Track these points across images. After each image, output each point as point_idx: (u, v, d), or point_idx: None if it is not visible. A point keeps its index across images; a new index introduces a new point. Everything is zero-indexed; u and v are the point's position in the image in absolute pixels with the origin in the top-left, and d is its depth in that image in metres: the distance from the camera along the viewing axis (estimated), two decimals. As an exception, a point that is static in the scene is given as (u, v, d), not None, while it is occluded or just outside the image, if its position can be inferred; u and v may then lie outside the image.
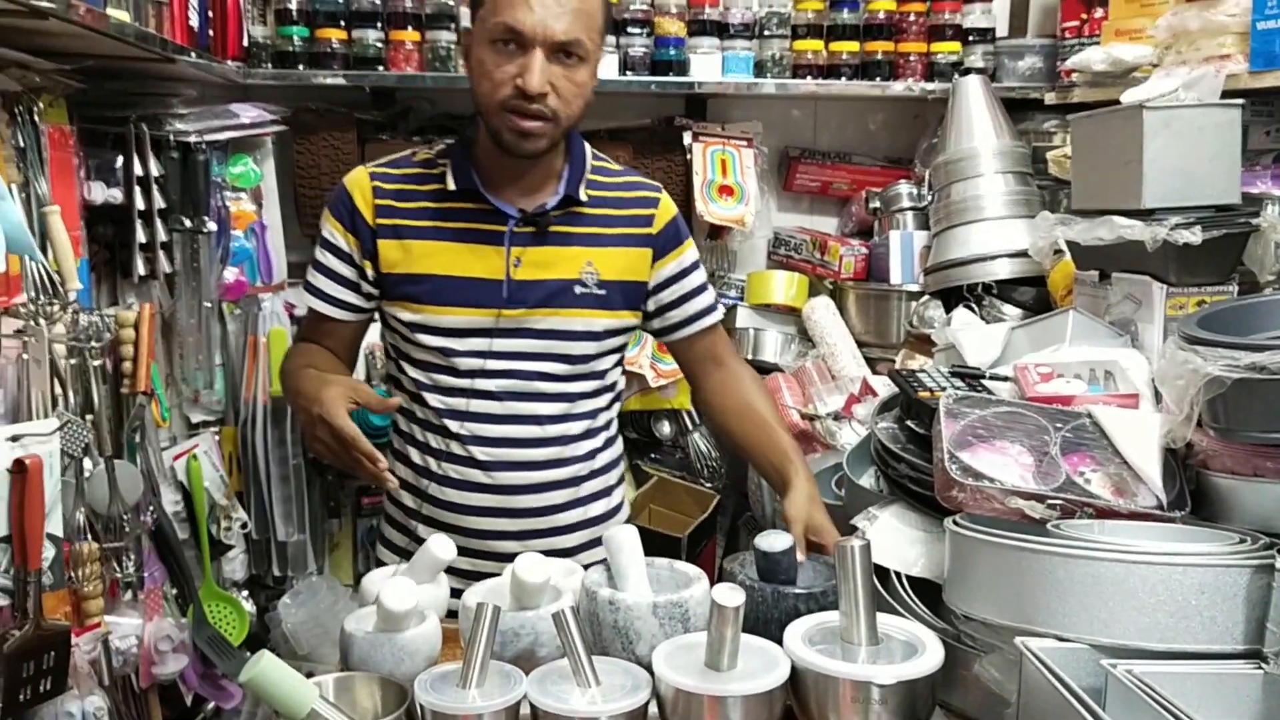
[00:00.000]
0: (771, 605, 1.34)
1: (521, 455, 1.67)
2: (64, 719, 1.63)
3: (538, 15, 1.49)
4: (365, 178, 1.66)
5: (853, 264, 2.66)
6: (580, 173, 1.67)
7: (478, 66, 1.55)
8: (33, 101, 1.66)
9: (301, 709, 1.11)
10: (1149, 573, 1.06)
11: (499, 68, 1.52)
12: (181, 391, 2.29)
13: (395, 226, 1.64)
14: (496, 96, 1.53)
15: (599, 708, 1.14)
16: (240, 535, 2.39)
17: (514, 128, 1.54)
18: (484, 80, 1.54)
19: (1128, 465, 1.33)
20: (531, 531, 1.69)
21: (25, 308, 1.59)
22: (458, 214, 1.64)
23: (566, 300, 1.65)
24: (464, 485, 1.67)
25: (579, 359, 1.68)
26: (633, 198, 1.72)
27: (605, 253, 1.67)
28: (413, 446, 1.70)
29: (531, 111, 1.52)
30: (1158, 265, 1.64)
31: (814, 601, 1.34)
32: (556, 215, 1.65)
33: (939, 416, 1.40)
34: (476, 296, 1.62)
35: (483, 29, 1.54)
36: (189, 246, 2.19)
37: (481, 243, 1.63)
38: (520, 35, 1.50)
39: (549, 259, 1.64)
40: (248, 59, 2.44)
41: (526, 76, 1.50)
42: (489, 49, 1.53)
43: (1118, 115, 1.75)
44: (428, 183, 1.65)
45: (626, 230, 1.70)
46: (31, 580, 1.47)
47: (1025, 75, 2.62)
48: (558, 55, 1.52)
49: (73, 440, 1.61)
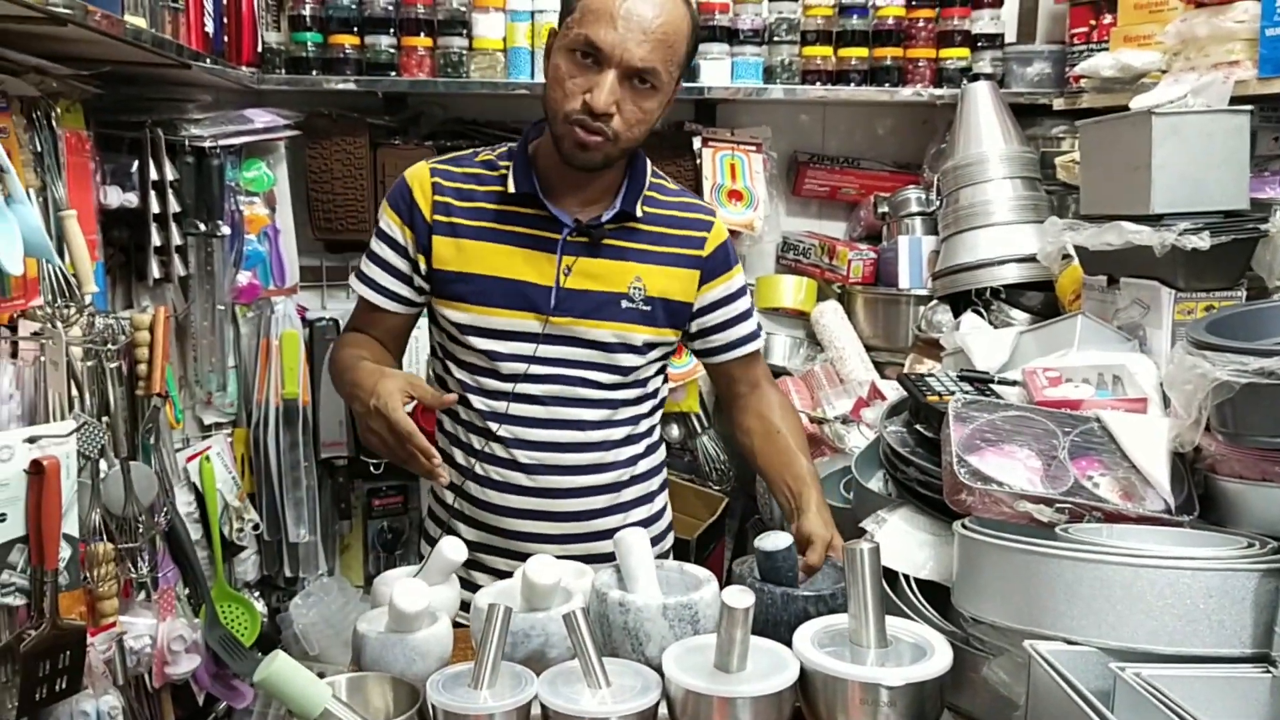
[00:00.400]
0: (781, 608, 1.35)
1: (563, 459, 1.67)
2: (79, 718, 1.65)
3: (620, 35, 1.49)
4: (426, 173, 1.67)
5: (861, 268, 2.66)
6: (639, 189, 1.67)
7: (553, 72, 1.56)
8: (50, 107, 1.68)
9: (315, 708, 1.12)
10: (1157, 576, 1.06)
11: (572, 79, 1.53)
12: (195, 393, 2.30)
13: (451, 224, 1.64)
14: (564, 106, 1.54)
15: (609, 708, 1.14)
16: (252, 536, 2.40)
17: (575, 139, 1.54)
18: (556, 87, 1.55)
19: (1136, 469, 1.33)
20: (571, 535, 1.69)
21: (42, 310, 1.61)
22: (514, 218, 1.64)
23: (612, 313, 1.65)
24: (505, 487, 1.67)
25: (623, 369, 1.68)
26: (687, 219, 1.72)
27: (654, 270, 1.68)
28: (456, 446, 1.70)
29: (594, 128, 1.53)
30: (1166, 270, 1.65)
31: (823, 604, 1.35)
32: (610, 228, 1.65)
33: (948, 420, 1.41)
34: (525, 301, 1.62)
35: (566, 36, 1.54)
36: (203, 250, 2.20)
37: (534, 248, 1.63)
38: (599, 52, 1.50)
39: (599, 271, 1.65)
40: (262, 64, 2.45)
41: (595, 94, 1.50)
42: (567, 57, 1.54)
43: (1126, 121, 1.76)
44: (487, 184, 1.66)
45: (678, 250, 1.70)
46: (48, 580, 1.49)
47: (1034, 81, 2.62)
48: (631, 79, 1.52)
49: (89, 442, 1.62)
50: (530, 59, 2.52)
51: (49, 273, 1.63)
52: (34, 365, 1.58)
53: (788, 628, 1.29)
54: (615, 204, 1.65)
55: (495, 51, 2.51)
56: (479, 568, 1.69)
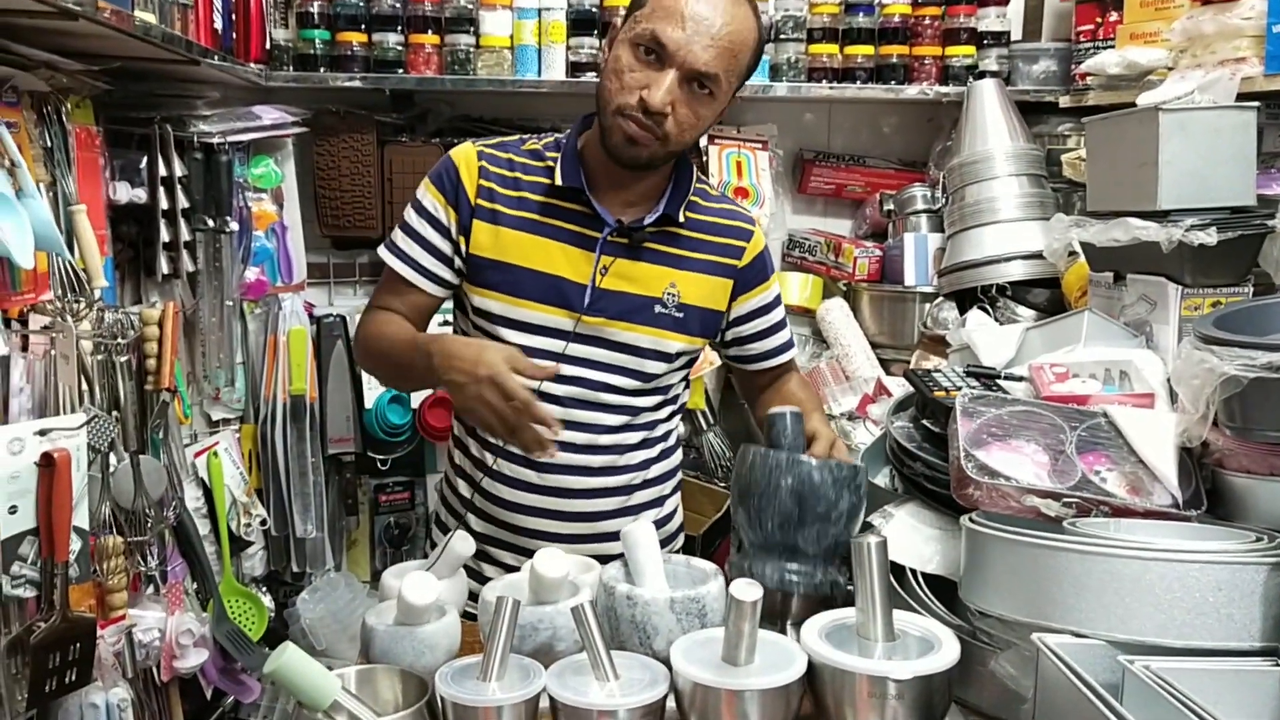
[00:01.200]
0: (786, 470, 1.35)
1: (576, 460, 1.65)
2: (89, 710, 1.66)
3: (686, 36, 1.47)
4: (474, 155, 1.64)
5: (867, 266, 2.67)
6: (684, 195, 1.65)
7: (613, 62, 1.53)
8: (60, 102, 1.68)
9: (324, 700, 1.12)
10: (1166, 569, 1.07)
11: (631, 72, 1.50)
12: (203, 389, 2.31)
13: (493, 210, 1.62)
14: (619, 99, 1.51)
15: (617, 701, 1.15)
16: (259, 532, 2.41)
17: (625, 132, 1.52)
18: (613, 78, 1.52)
19: (1143, 464, 1.34)
20: (580, 535, 1.68)
21: (52, 305, 1.62)
22: (556, 211, 1.62)
23: (645, 318, 1.63)
24: (517, 484, 1.66)
25: (647, 375, 1.66)
26: (728, 226, 1.70)
27: (690, 277, 1.66)
28: (472, 438, 1.70)
29: (646, 125, 1.51)
30: (1173, 266, 1.65)
31: (829, 471, 1.35)
32: (651, 231, 1.63)
33: (955, 415, 1.41)
34: (558, 296, 1.60)
35: (632, 28, 1.52)
36: (211, 246, 2.21)
37: (573, 244, 1.61)
38: (663, 49, 1.48)
39: (635, 274, 1.63)
40: (269, 61, 2.46)
41: (652, 91, 1.48)
42: (629, 50, 1.51)
43: (1133, 117, 1.76)
44: (533, 174, 1.63)
45: (715, 258, 1.68)
46: (58, 572, 1.49)
47: (1039, 79, 2.62)
48: (690, 83, 1.50)
49: (99, 435, 1.63)
50: (537, 56, 2.53)
51: (59, 267, 1.63)
52: (44, 359, 1.58)
53: (790, 492, 1.32)
54: (659, 207, 1.62)
55: (502, 49, 2.51)
56: (488, 560, 1.70)
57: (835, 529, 1.36)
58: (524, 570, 1.40)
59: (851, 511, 1.38)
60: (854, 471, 1.38)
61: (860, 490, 1.39)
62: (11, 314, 1.52)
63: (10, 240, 1.39)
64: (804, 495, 1.34)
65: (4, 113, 1.51)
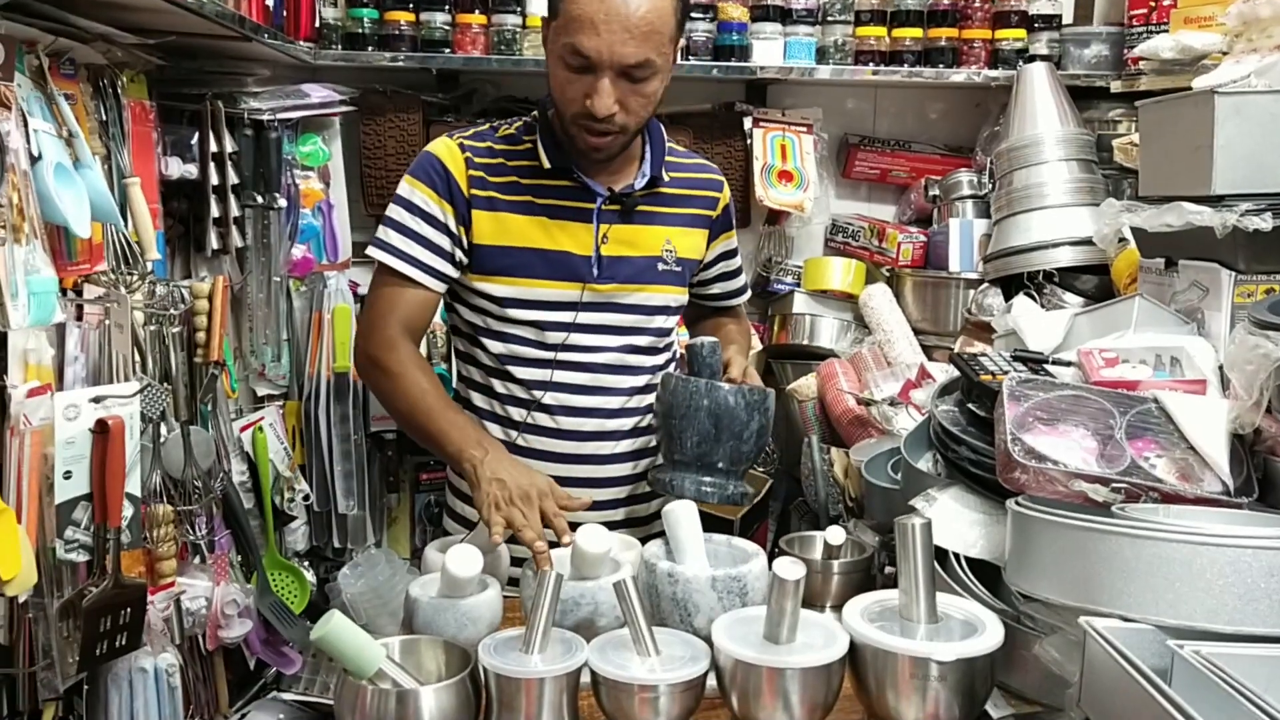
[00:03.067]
0: (704, 394, 1.52)
1: (606, 425, 1.71)
2: (138, 674, 1.69)
3: (604, 40, 1.48)
4: (456, 147, 1.66)
5: (910, 251, 2.65)
6: (661, 155, 1.71)
7: (551, 72, 1.58)
8: (116, 76, 1.71)
9: (370, 667, 1.14)
10: (1217, 554, 1.05)
11: (569, 85, 1.54)
12: (249, 364, 2.34)
13: (489, 199, 1.64)
14: (568, 110, 1.56)
15: (659, 676, 1.15)
16: (302, 507, 2.44)
17: (586, 143, 1.58)
18: (557, 91, 1.57)
19: (1194, 450, 1.32)
20: (611, 502, 1.72)
21: (106, 275, 1.64)
22: (548, 190, 1.66)
23: (651, 276, 1.70)
24: (547, 456, 1.69)
25: (660, 331, 1.74)
26: (702, 179, 1.79)
27: (680, 232, 1.73)
28: (491, 421, 1.71)
29: (599, 130, 1.55)
30: (1226, 252, 1.62)
31: (741, 396, 1.52)
32: (641, 195, 1.69)
33: (1001, 399, 1.39)
34: (567, 270, 1.65)
35: (556, 43, 1.54)
36: (260, 222, 2.23)
37: (571, 219, 1.66)
38: (588, 60, 1.50)
39: (634, 237, 1.69)
40: (318, 40, 2.48)
41: (595, 100, 1.51)
42: (560, 64, 1.54)
43: (1188, 101, 1.73)
44: (515, 158, 1.67)
45: (696, 211, 1.76)
46: (111, 538, 1.52)
47: (1091, 63, 2.58)
48: (626, 75, 1.52)
49: (152, 404, 1.66)
50: (583, 37, 2.52)
51: (113, 239, 1.66)
52: (98, 328, 1.61)
53: (708, 414, 1.50)
54: (645, 172, 1.69)
55: (548, 29, 2.51)
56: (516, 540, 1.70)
57: (746, 447, 1.54)
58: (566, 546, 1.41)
59: (760, 431, 1.55)
60: (764, 395, 1.56)
61: (768, 413, 1.57)
62: (66, 284, 1.55)
63: (69, 210, 1.42)
64: (720, 416, 1.51)
65: (62, 85, 1.53)
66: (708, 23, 2.57)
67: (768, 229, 2.82)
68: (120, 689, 1.71)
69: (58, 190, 1.42)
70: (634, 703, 1.14)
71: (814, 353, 2.69)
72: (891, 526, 1.41)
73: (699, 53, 2.57)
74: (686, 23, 1.66)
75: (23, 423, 1.41)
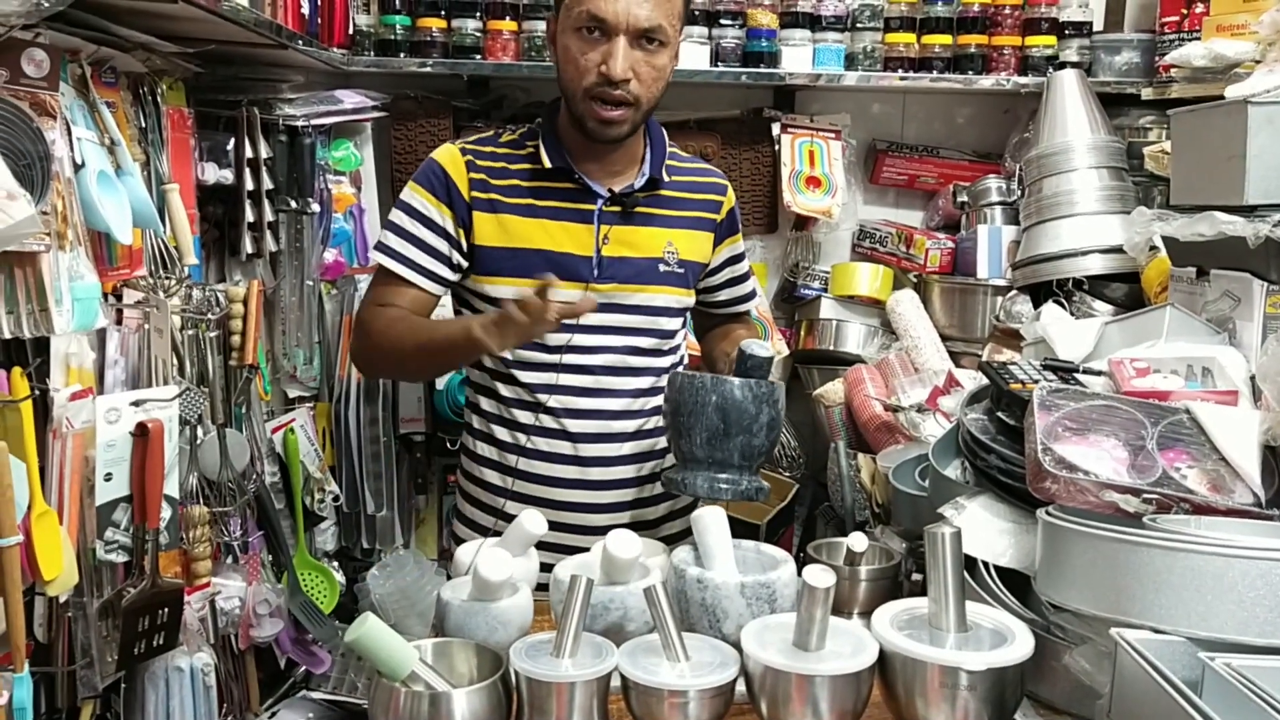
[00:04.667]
0: (711, 389, 1.50)
1: (612, 427, 1.72)
2: (174, 674, 1.71)
3: (621, 3, 1.55)
4: (457, 152, 1.70)
5: (938, 257, 2.65)
6: (662, 156, 1.74)
7: (563, 54, 1.62)
8: (155, 83, 1.74)
9: (403, 669, 1.16)
10: (1249, 567, 1.05)
11: (584, 55, 1.58)
12: (281, 367, 2.37)
13: (490, 201, 1.67)
14: (582, 83, 1.59)
15: (688, 681, 1.16)
16: (332, 508, 2.46)
17: (598, 116, 1.60)
18: (569, 66, 1.61)
19: (1226, 462, 1.31)
20: (619, 504, 1.74)
21: (145, 280, 1.67)
22: (549, 192, 1.68)
23: (653, 277, 1.72)
24: (554, 458, 1.71)
25: (663, 333, 1.75)
26: (705, 183, 1.80)
27: (682, 234, 1.75)
28: (499, 425, 1.74)
29: (615, 98, 1.59)
30: (1259, 262, 1.61)
31: (749, 389, 1.50)
32: (641, 196, 1.71)
33: (1032, 408, 1.39)
34: (568, 271, 1.66)
35: (568, 17, 1.60)
36: (293, 227, 2.26)
37: (571, 220, 1.68)
38: (604, 23, 1.56)
39: (634, 238, 1.71)
40: (352, 46, 2.50)
41: (610, 63, 1.56)
42: (574, 36, 1.59)
43: (1220, 110, 1.72)
44: (517, 162, 1.70)
45: (699, 214, 1.78)
46: (150, 539, 1.54)
47: (1122, 70, 2.57)
48: (640, 41, 1.58)
49: (190, 407, 1.68)
50: (613, 43, 2.53)
51: (152, 244, 1.69)
52: (138, 333, 1.64)
53: (716, 410, 1.48)
54: (644, 172, 1.71)
55: (578, 36, 2.52)
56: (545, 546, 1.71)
57: (757, 440, 1.52)
58: (595, 551, 1.43)
59: (771, 424, 1.52)
60: (771, 388, 1.53)
61: (778, 405, 1.54)
62: (106, 288, 1.57)
63: (111, 217, 1.44)
64: (727, 411, 1.49)
65: (104, 92, 1.56)
66: (737, 29, 2.58)
67: (795, 234, 2.82)
68: (157, 688, 1.73)
69: (100, 197, 1.44)
70: (664, 708, 1.15)
71: (841, 358, 2.69)
72: (918, 533, 1.42)
73: (728, 59, 2.57)
74: (690, 8, 1.72)
75: (65, 425, 1.44)
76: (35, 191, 1.29)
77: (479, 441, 1.77)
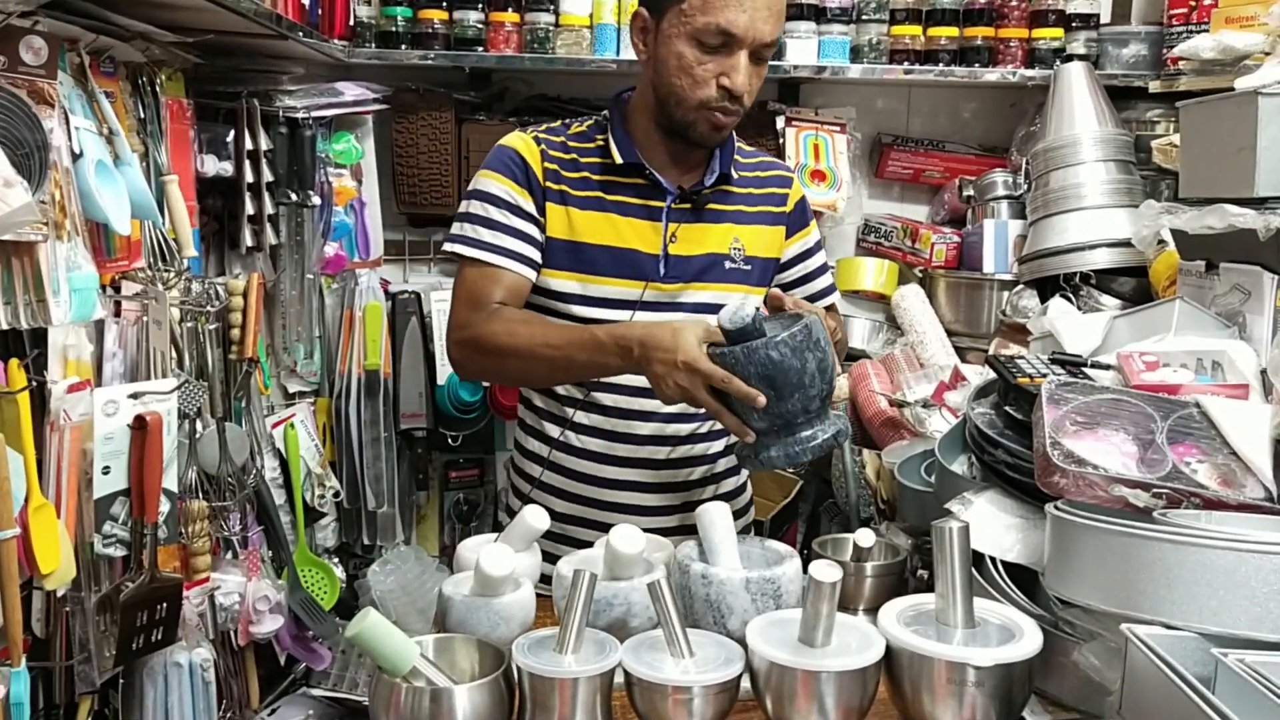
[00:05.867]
0: (746, 361, 1.35)
1: (663, 430, 1.67)
2: (173, 669, 1.70)
3: (749, 18, 1.50)
4: (531, 140, 1.66)
5: (944, 252, 2.63)
6: (731, 151, 1.69)
7: (675, 60, 1.54)
8: (154, 74, 1.72)
9: (404, 665, 1.14)
10: (1263, 562, 1.03)
11: (702, 65, 1.53)
12: (281, 361, 2.35)
13: (561, 193, 1.63)
14: (698, 94, 1.54)
15: (693, 678, 1.15)
16: (333, 504, 2.45)
17: (711, 123, 1.56)
18: (682, 75, 1.54)
19: (1236, 456, 1.30)
20: (664, 507, 1.69)
21: (144, 272, 1.66)
22: (618, 187, 1.64)
23: (718, 275, 1.67)
24: (599, 457, 1.67)
25: None
26: (770, 176, 1.76)
27: (749, 230, 1.70)
28: (547, 420, 1.71)
29: (733, 111, 1.56)
30: (1269, 255, 1.60)
31: (785, 346, 1.34)
32: (709, 192, 1.67)
33: (1040, 402, 1.38)
34: (633, 269, 1.63)
35: (688, 24, 1.53)
36: (293, 220, 2.25)
37: (640, 217, 1.64)
38: (733, 38, 1.51)
39: (701, 235, 1.66)
40: (353, 38, 2.49)
41: (734, 78, 1.52)
42: (692, 45, 1.53)
43: (1230, 101, 1.71)
44: (588, 155, 1.66)
45: (765, 208, 1.73)
46: (148, 533, 1.53)
47: (1129, 63, 2.56)
48: (757, 54, 1.54)
49: (189, 400, 1.67)
50: (616, 35, 2.52)
51: (150, 236, 1.67)
52: (136, 325, 1.62)
53: (759, 379, 1.34)
54: (715, 169, 1.66)
55: (581, 28, 2.51)
56: (567, 540, 1.68)
57: (814, 390, 1.37)
58: (598, 546, 1.41)
59: (821, 367, 1.37)
60: (806, 331, 1.36)
61: (820, 344, 1.37)
62: (105, 280, 1.56)
63: (109, 207, 1.43)
64: (772, 377, 1.35)
65: (103, 82, 1.55)
66: (741, 21, 2.56)
67: (799, 229, 2.80)
68: (155, 683, 1.72)
69: (98, 187, 1.43)
70: (668, 704, 1.14)
71: (846, 354, 2.68)
72: (924, 529, 1.40)
73: (732, 52, 2.56)
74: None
75: (62, 418, 1.43)
76: (33, 180, 1.28)
77: (529, 437, 1.75)
